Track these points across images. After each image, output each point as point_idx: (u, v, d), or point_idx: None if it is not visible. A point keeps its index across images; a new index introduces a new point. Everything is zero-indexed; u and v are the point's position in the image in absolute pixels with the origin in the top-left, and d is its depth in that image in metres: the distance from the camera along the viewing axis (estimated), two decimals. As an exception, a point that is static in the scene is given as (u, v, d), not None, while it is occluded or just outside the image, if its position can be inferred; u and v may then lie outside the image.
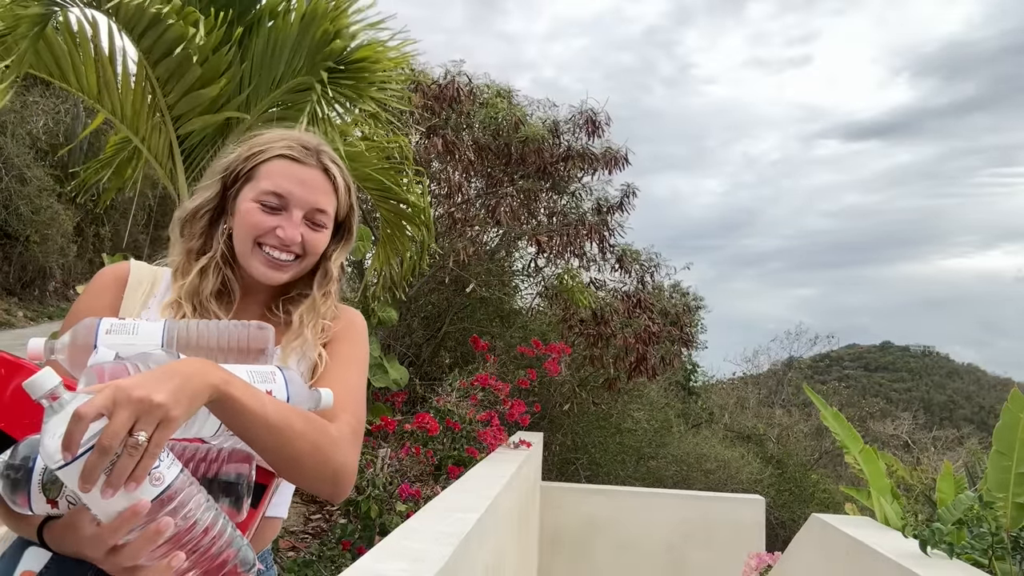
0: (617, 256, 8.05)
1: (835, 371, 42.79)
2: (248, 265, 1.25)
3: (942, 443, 17.57)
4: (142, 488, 0.83)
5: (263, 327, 1.10)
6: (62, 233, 15.00)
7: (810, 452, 14.98)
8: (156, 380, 0.85)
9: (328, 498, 1.14)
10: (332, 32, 3.42)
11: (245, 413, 0.96)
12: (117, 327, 1.04)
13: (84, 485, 0.80)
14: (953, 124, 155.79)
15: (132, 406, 0.80)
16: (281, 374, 1.08)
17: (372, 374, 5.19)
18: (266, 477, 1.10)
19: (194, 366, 0.91)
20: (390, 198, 4.54)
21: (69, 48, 3.47)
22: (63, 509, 0.95)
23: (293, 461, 1.04)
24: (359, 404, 1.23)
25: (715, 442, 12.47)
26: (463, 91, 7.36)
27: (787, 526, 10.58)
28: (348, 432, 1.15)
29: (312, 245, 1.25)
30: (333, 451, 1.09)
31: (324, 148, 1.29)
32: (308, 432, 1.05)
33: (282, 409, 1.02)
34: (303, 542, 4.34)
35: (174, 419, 0.83)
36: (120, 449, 0.80)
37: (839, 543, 2.54)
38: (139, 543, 0.84)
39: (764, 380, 21.26)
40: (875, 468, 3.04)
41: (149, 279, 1.26)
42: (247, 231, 1.23)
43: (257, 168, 1.24)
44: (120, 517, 0.83)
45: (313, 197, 1.24)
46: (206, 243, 1.27)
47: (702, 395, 14.66)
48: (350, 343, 1.29)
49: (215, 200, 1.27)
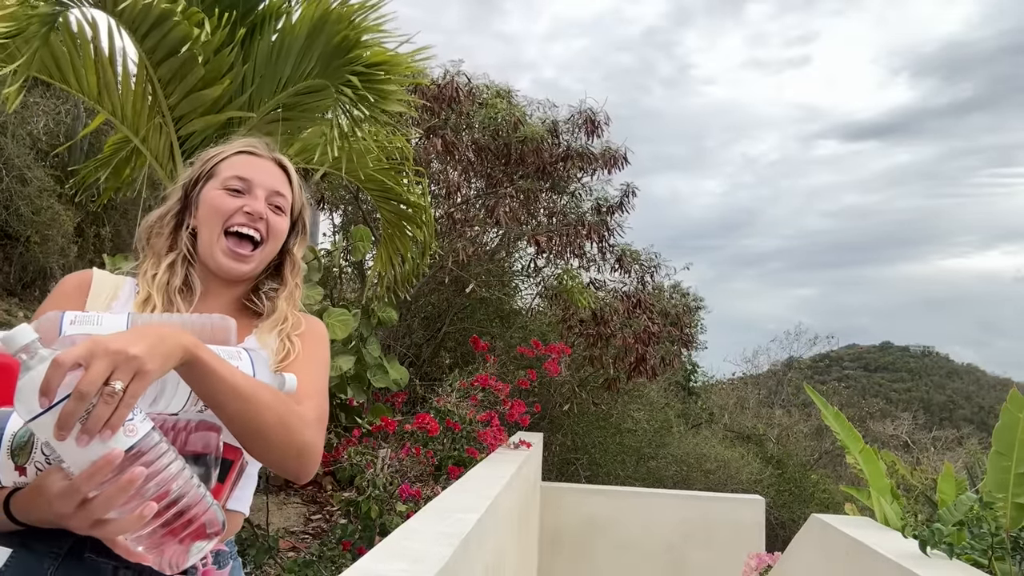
0: (617, 256, 8.04)
1: (835, 371, 42.77)
2: (212, 258, 1.30)
3: (942, 443, 17.57)
4: (116, 438, 0.85)
5: (225, 319, 1.14)
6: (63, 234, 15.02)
7: (810, 452, 14.98)
8: (132, 336, 0.88)
9: (293, 477, 1.16)
10: (353, 39, 3.45)
11: (214, 377, 0.99)
12: (81, 319, 1.06)
13: (60, 432, 0.82)
14: (952, 124, 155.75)
15: (109, 356, 0.83)
16: (247, 354, 1.10)
17: (372, 374, 5.20)
18: (233, 453, 1.12)
19: (166, 329, 0.94)
20: (391, 198, 4.54)
21: (69, 49, 3.48)
22: (31, 476, 0.96)
23: (260, 433, 1.06)
24: (323, 396, 1.28)
25: (715, 442, 12.46)
26: (462, 91, 7.36)
27: (787, 526, 10.57)
28: (313, 416, 1.18)
29: (275, 228, 1.33)
30: (300, 427, 1.12)
31: (277, 152, 1.39)
32: (275, 405, 1.08)
33: (250, 380, 1.05)
34: (303, 542, 4.34)
35: (149, 372, 0.86)
36: (96, 398, 0.82)
37: (839, 543, 2.54)
38: (111, 492, 0.86)
39: (764, 380, 21.25)
40: (875, 468, 3.04)
41: (111, 286, 1.30)
42: (215, 216, 1.29)
43: (217, 166, 1.33)
44: (94, 466, 0.85)
45: (272, 182, 1.33)
46: (172, 244, 1.33)
47: (702, 395, 14.66)
48: (312, 344, 1.35)
49: (178, 204, 1.34)
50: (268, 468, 1.19)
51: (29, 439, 0.96)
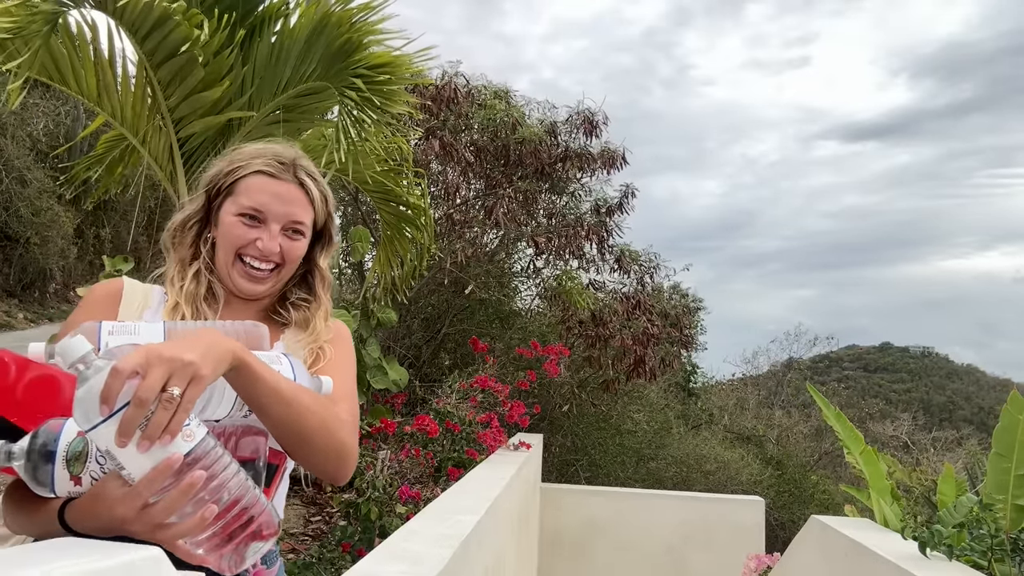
0: (616, 257, 8.05)
1: (835, 372, 42.79)
2: (229, 276, 1.32)
3: (942, 444, 17.59)
4: (175, 443, 0.88)
5: (258, 326, 1.16)
6: (62, 235, 15.03)
7: (810, 453, 14.99)
8: (185, 344, 0.91)
9: (331, 478, 1.20)
10: (356, 41, 3.44)
11: (260, 382, 1.02)
12: (118, 329, 1.07)
13: (121, 439, 0.85)
14: (951, 125, 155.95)
15: (165, 364, 0.86)
16: (287, 359, 1.13)
17: (372, 375, 5.19)
18: (277, 457, 1.16)
19: (214, 335, 0.97)
20: (391, 200, 4.54)
21: (68, 51, 3.48)
22: (85, 486, 0.98)
23: (303, 436, 1.10)
24: (355, 398, 1.32)
25: (715, 443, 12.46)
26: (460, 92, 7.36)
27: (787, 527, 10.57)
28: (348, 417, 1.22)
29: (290, 254, 1.33)
30: (339, 428, 1.16)
31: (300, 162, 1.36)
32: (317, 408, 1.11)
33: (292, 384, 1.08)
34: (303, 544, 4.34)
35: (204, 376, 0.89)
36: (155, 404, 0.85)
37: (838, 545, 2.54)
38: (174, 496, 0.88)
39: (764, 381, 21.27)
40: (876, 469, 3.04)
41: (142, 294, 1.32)
42: (229, 243, 1.30)
43: (237, 183, 1.32)
44: (155, 470, 0.87)
45: (289, 210, 1.32)
46: (196, 251, 1.34)
47: (702, 396, 14.65)
48: (340, 349, 1.38)
49: (201, 212, 1.35)
50: (308, 470, 1.22)
51: (84, 448, 0.97)
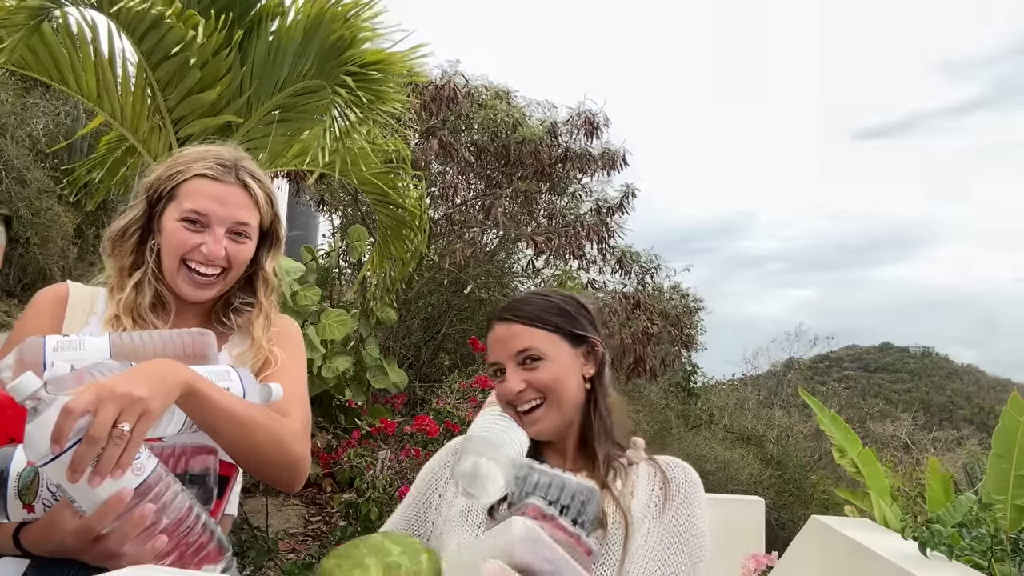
0: (617, 257, 8.04)
1: (835, 372, 42.74)
2: (175, 283, 1.30)
3: (942, 444, 17.58)
4: (125, 477, 0.89)
5: (204, 333, 1.17)
6: (62, 235, 15.03)
7: (810, 453, 14.97)
8: (134, 377, 0.91)
9: (285, 487, 1.23)
10: (348, 38, 3.43)
11: (213, 407, 1.03)
12: (63, 344, 1.07)
13: (73, 475, 0.85)
14: (953, 124, 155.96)
15: (116, 400, 0.86)
16: (235, 372, 1.14)
17: (372, 375, 5.19)
18: (228, 469, 1.18)
19: (165, 365, 0.98)
20: (388, 202, 4.53)
21: (68, 51, 3.48)
22: (39, 513, 0.99)
23: (256, 452, 1.12)
24: (305, 402, 1.32)
25: (715, 443, 12.46)
26: (459, 92, 7.36)
27: (787, 527, 10.57)
28: (300, 427, 1.24)
29: (236, 257, 1.31)
30: (293, 442, 1.18)
31: (242, 163, 1.34)
32: (269, 424, 1.13)
33: (244, 403, 1.10)
34: (303, 544, 4.34)
35: (153, 411, 0.90)
36: (106, 441, 0.85)
37: (838, 545, 2.54)
38: (125, 528, 0.89)
39: (764, 381, 21.25)
40: (874, 470, 3.03)
41: (88, 298, 1.31)
42: (173, 250, 1.28)
43: (178, 188, 1.29)
44: (106, 505, 0.88)
45: (232, 213, 1.29)
46: (137, 259, 1.32)
47: (702, 396, 14.64)
48: (288, 349, 1.37)
49: (142, 219, 1.32)
50: (261, 480, 1.23)
51: (35, 478, 0.98)
